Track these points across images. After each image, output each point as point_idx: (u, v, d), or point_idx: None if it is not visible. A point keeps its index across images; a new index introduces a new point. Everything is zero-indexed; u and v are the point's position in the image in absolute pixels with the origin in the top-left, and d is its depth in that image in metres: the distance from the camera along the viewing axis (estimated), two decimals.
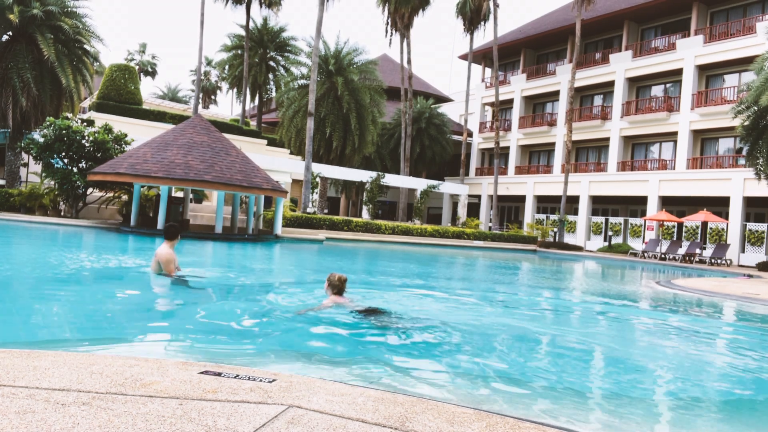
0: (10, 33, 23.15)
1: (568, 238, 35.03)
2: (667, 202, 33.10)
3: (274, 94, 42.09)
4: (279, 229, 21.19)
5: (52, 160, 20.02)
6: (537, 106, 42.09)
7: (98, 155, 20.34)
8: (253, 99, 43.87)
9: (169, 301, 7.37)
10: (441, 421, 2.60)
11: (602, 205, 37.68)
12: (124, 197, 21.44)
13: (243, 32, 38.87)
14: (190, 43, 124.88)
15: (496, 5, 36.38)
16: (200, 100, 51.51)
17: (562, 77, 37.50)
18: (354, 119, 33.27)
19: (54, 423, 2.24)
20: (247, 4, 35.99)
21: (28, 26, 22.62)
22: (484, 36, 59.74)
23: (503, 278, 15.59)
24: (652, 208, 31.51)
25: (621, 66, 34.52)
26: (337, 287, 6.73)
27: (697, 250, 27.21)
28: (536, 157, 42.16)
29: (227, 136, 23.86)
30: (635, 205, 35.95)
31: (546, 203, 40.41)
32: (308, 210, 27.92)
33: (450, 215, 43.54)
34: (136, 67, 32.11)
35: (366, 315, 6.42)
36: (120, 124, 26.11)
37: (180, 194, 22.21)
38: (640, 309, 10.56)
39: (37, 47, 22.82)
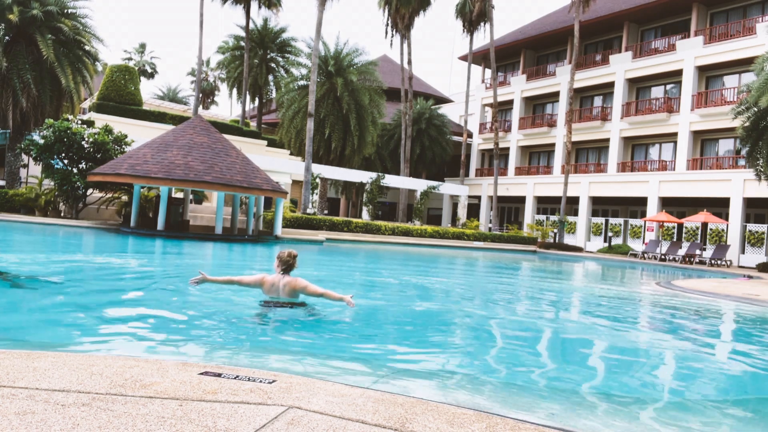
0: (11, 34, 23.16)
1: (568, 239, 35.02)
2: (667, 203, 33.10)
3: (274, 95, 42.10)
4: (279, 230, 21.19)
5: (52, 161, 20.04)
6: (537, 107, 42.09)
7: (98, 156, 20.35)
8: (253, 100, 43.88)
9: (169, 301, 7.36)
10: (441, 422, 2.60)
11: (602, 206, 37.68)
12: (124, 198, 21.45)
13: (243, 33, 38.90)
14: (190, 43, 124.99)
15: (491, 6, 36.41)
16: (200, 101, 51.55)
17: (562, 78, 37.51)
18: (354, 120, 33.29)
19: (54, 424, 2.24)
20: (246, 5, 36.00)
21: (28, 27, 22.63)
22: (484, 37, 59.62)
23: (502, 278, 15.59)
24: (652, 209, 31.51)
25: (621, 67, 34.53)
26: (287, 263, 6.26)
27: (697, 251, 27.20)
28: (536, 158, 42.17)
29: (227, 136, 23.87)
30: (635, 206, 35.95)
31: (546, 204, 40.40)
32: (308, 211, 27.93)
33: (450, 216, 43.54)
34: (135, 68, 32.00)
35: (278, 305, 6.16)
36: (120, 125, 26.11)
37: (180, 195, 22.22)
38: (640, 310, 10.56)
39: (37, 48, 22.83)
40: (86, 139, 19.99)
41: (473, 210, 44.45)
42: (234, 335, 5.49)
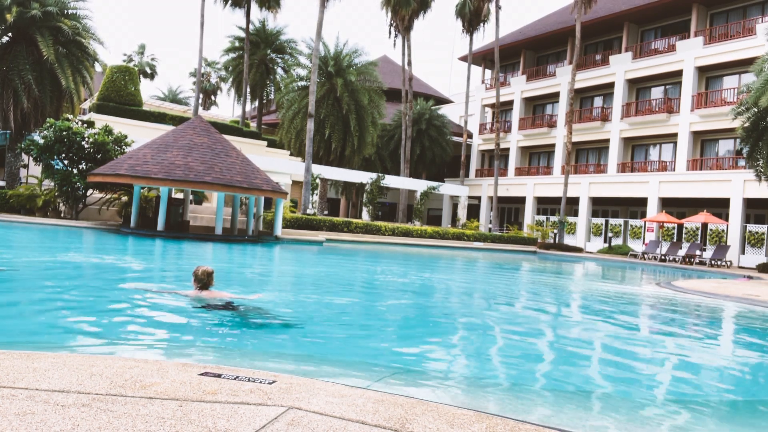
0: (11, 35, 23.16)
1: (568, 240, 35.02)
2: (667, 204, 33.10)
3: (274, 95, 42.09)
4: (279, 231, 21.19)
5: (52, 162, 20.03)
6: (537, 108, 42.10)
7: (98, 156, 20.34)
8: (253, 100, 43.86)
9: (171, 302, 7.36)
10: (441, 422, 2.60)
11: (602, 206, 37.67)
12: (124, 198, 21.45)
13: (243, 34, 38.90)
14: (191, 44, 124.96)
15: (498, 7, 36.40)
16: (200, 102, 51.57)
17: (562, 79, 37.51)
18: (353, 120, 33.29)
19: (54, 424, 2.24)
20: (246, 6, 36.01)
21: (28, 27, 22.62)
22: (483, 37, 59.68)
23: (502, 279, 15.58)
24: (652, 209, 31.51)
25: (621, 67, 34.54)
26: (202, 281, 6.48)
27: (697, 252, 27.20)
28: (536, 159, 42.17)
29: (227, 137, 23.87)
30: (635, 206, 35.94)
31: (546, 204, 40.40)
32: (308, 211, 27.93)
33: (450, 217, 43.55)
34: (135, 69, 31.98)
35: (224, 308, 6.31)
36: (120, 125, 26.10)
37: (180, 195, 22.20)
38: (640, 310, 10.56)
39: (38, 48, 22.82)
40: (86, 139, 19.99)
41: (473, 210, 44.45)
42: (234, 335, 5.49)
